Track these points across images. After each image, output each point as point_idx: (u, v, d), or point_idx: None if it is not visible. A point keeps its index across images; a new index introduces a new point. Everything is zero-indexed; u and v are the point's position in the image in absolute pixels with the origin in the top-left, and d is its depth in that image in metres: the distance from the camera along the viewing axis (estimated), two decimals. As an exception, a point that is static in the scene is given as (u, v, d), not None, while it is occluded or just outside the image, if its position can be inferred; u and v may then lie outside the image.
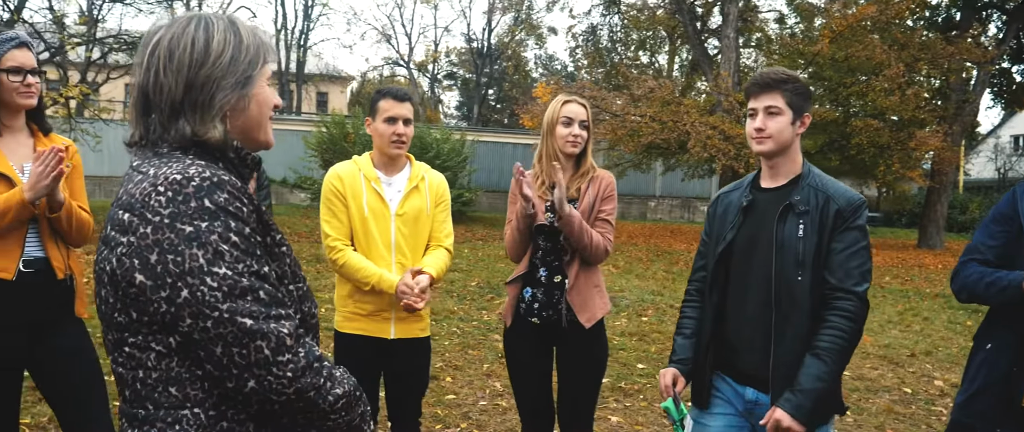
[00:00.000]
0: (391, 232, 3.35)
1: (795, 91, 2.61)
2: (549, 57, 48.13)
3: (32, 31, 13.84)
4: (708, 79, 21.45)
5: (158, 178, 1.42)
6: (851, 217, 2.54)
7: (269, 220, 1.54)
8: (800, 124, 2.64)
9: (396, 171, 3.45)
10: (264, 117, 1.62)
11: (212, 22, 1.55)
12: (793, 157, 2.68)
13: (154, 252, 1.37)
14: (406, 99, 3.38)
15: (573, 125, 3.34)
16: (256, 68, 1.57)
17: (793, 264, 2.56)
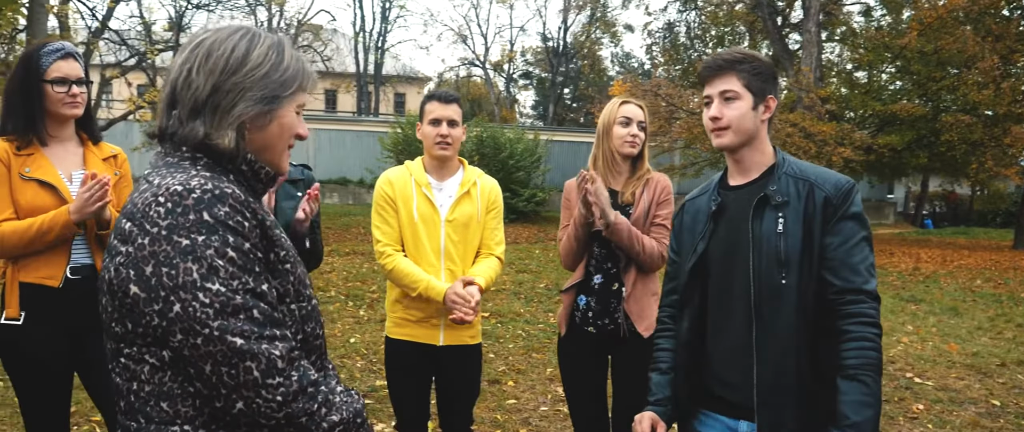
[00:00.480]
0: (441, 238, 3.30)
1: (753, 71, 2.25)
2: (625, 55, 47.69)
3: (119, 38, 14.38)
4: (788, 75, 20.84)
5: (160, 188, 1.39)
6: (843, 204, 2.17)
7: (275, 235, 1.50)
8: (764, 108, 2.28)
9: (447, 176, 3.39)
10: (282, 141, 1.59)
11: (259, 38, 1.54)
12: (760, 147, 2.31)
13: (150, 264, 1.35)
14: (452, 101, 3.32)
15: (631, 125, 3.26)
16: (287, 90, 1.55)
17: (774, 264, 2.18)
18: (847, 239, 2.15)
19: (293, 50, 1.59)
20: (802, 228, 2.17)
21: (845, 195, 2.18)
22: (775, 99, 2.29)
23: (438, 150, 3.29)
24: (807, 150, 17.10)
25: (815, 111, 18.41)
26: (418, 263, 3.28)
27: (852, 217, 2.17)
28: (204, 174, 1.44)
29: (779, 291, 2.18)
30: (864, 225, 2.19)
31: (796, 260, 2.16)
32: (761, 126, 2.28)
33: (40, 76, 2.73)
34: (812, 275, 2.16)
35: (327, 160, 23.59)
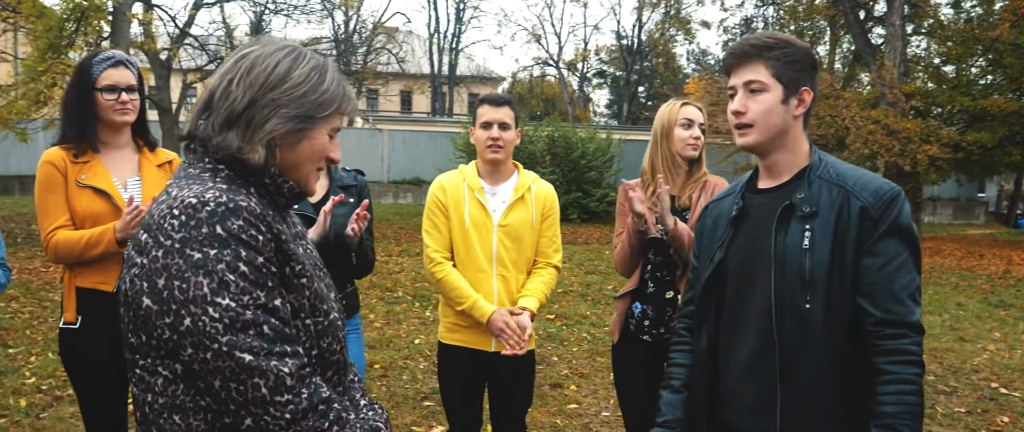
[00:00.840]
0: (493, 244, 3.25)
1: (785, 58, 1.95)
2: (701, 52, 46.94)
3: (198, 43, 14.82)
4: (871, 70, 20.15)
5: (176, 200, 1.39)
6: (884, 216, 1.85)
7: (291, 249, 1.49)
8: (797, 102, 1.97)
9: (501, 180, 3.35)
10: (312, 163, 1.59)
11: (305, 58, 1.54)
12: (793, 147, 2.01)
13: (162, 277, 1.35)
14: (503, 104, 3.27)
15: (693, 127, 3.18)
16: (323, 112, 1.55)
17: (797, 284, 1.89)
18: (889, 260, 1.85)
19: (337, 74, 1.59)
20: (832, 243, 1.88)
21: (886, 205, 1.86)
22: (811, 92, 1.99)
23: (490, 154, 3.26)
24: (890, 148, 16.51)
25: (899, 107, 17.75)
26: (468, 269, 3.25)
27: (895, 232, 1.86)
28: (221, 186, 1.43)
29: (803, 316, 1.90)
30: (910, 242, 1.87)
31: (822, 281, 1.87)
32: (794, 123, 1.99)
33: (91, 84, 2.80)
34: (843, 300, 1.87)
35: (401, 160, 23.88)
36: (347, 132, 24.25)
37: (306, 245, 1.70)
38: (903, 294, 1.85)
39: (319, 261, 1.73)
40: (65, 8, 10.98)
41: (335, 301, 1.67)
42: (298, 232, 1.71)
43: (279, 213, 1.59)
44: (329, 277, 1.73)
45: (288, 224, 1.65)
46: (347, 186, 3.21)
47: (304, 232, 1.77)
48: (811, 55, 2.01)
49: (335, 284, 3.06)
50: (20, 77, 11.78)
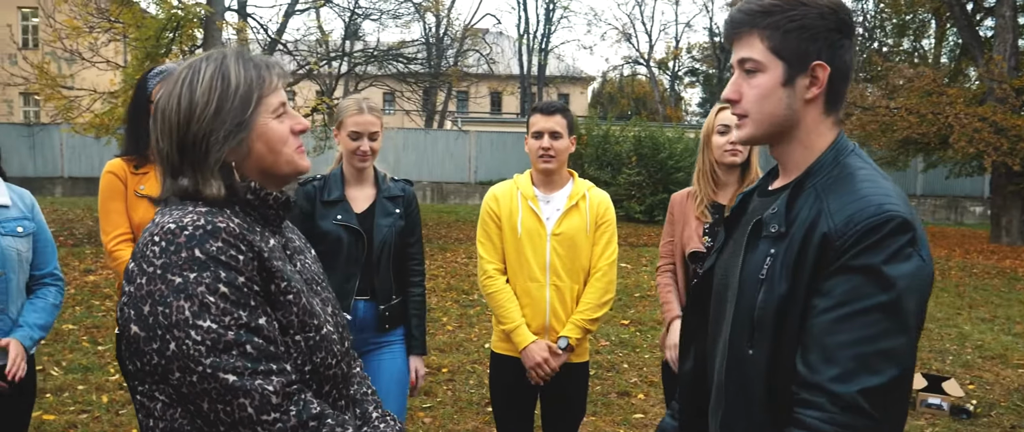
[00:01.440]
0: (546, 253, 3.21)
1: (787, 26, 1.50)
2: (799, 48, 45.49)
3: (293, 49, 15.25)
4: (978, 64, 19.12)
5: (157, 227, 1.41)
6: (851, 249, 1.38)
7: (275, 266, 1.48)
8: (809, 82, 1.52)
9: (556, 188, 3.30)
10: (278, 152, 1.56)
11: (201, 71, 1.50)
12: (807, 140, 1.57)
13: (147, 303, 1.36)
14: (555, 112, 3.20)
15: (731, 132, 3.04)
16: (249, 109, 1.51)
17: (745, 325, 1.52)
18: (838, 303, 1.38)
19: (242, 60, 1.54)
20: (791, 277, 1.46)
21: (858, 236, 1.38)
22: (827, 67, 1.51)
23: (542, 163, 3.21)
24: (998, 147, 15.64)
25: (1008, 104, 16.77)
26: (521, 279, 3.22)
27: (860, 270, 1.37)
28: (200, 210, 1.44)
29: (744, 365, 1.53)
30: (882, 286, 1.35)
31: (770, 323, 1.47)
32: (806, 108, 1.54)
33: (148, 97, 2.89)
34: (791, 352, 1.45)
35: (488, 162, 24.03)
36: (435, 134, 24.63)
37: (304, 260, 1.69)
38: (842, 353, 1.36)
39: (318, 275, 1.72)
40: (162, 18, 11.48)
41: (333, 315, 1.66)
42: (297, 247, 1.71)
43: (270, 228, 1.59)
44: (328, 290, 1.72)
45: (283, 239, 1.64)
46: (394, 196, 3.22)
47: (304, 247, 1.77)
48: (835, 14, 1.52)
49: (380, 297, 3.10)
50: (122, 85, 12.38)
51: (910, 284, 1.36)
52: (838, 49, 1.52)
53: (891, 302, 1.35)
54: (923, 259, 1.39)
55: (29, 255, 2.87)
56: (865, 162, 1.55)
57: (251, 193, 1.53)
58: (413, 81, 18.23)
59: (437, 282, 9.97)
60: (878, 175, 1.50)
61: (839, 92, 1.56)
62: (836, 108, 1.58)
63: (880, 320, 1.35)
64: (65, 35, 11.98)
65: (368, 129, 3.11)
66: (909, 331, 1.36)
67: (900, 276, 1.35)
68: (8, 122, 25.07)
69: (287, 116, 1.57)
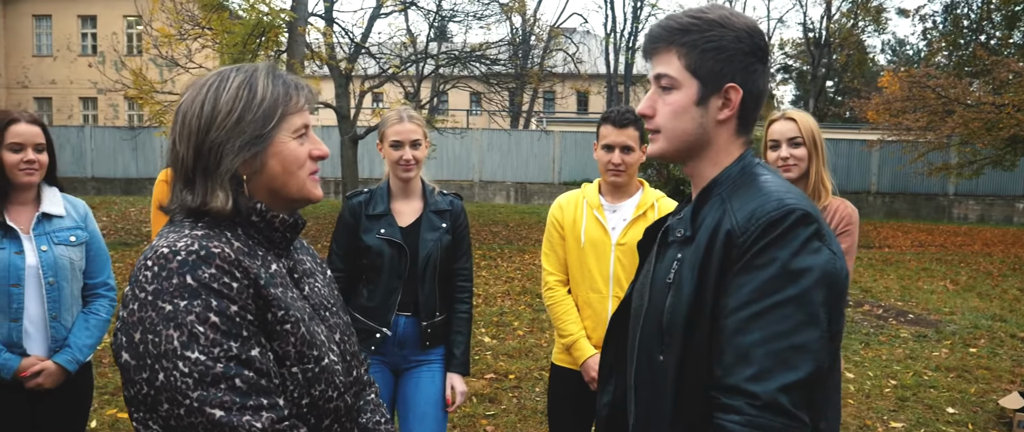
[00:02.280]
0: (610, 264, 3.11)
1: (705, 45, 1.49)
2: (898, 42, 43.79)
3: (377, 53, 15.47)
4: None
5: (151, 250, 1.37)
6: (754, 244, 1.37)
7: (273, 294, 1.42)
8: (721, 104, 1.52)
9: (624, 198, 3.19)
10: (292, 174, 1.51)
11: (229, 79, 1.48)
12: (717, 158, 1.56)
13: (138, 330, 1.32)
14: (628, 124, 3.04)
15: (781, 147, 2.90)
16: (270, 124, 1.47)
17: (655, 331, 1.50)
18: (747, 301, 1.35)
19: (272, 75, 1.51)
20: (695, 280, 1.44)
21: (761, 230, 1.37)
22: (740, 90, 1.51)
23: (611, 177, 3.11)
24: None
25: None
26: (583, 289, 3.14)
27: (765, 265, 1.35)
28: (196, 233, 1.40)
29: (655, 371, 1.50)
30: (790, 280, 1.33)
31: (680, 328, 1.44)
32: (718, 129, 1.53)
33: None
34: (701, 357, 1.42)
35: (572, 162, 23.90)
36: (519, 135, 24.64)
37: (314, 283, 1.64)
38: (756, 351, 1.31)
39: (329, 299, 1.66)
40: (249, 23, 11.81)
41: (340, 342, 1.60)
42: (307, 269, 1.66)
43: (275, 252, 1.54)
44: (340, 315, 1.67)
45: (290, 262, 1.59)
46: (441, 210, 3.16)
47: (316, 268, 1.71)
48: (751, 38, 1.52)
49: (423, 313, 3.04)
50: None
51: (820, 277, 1.34)
52: (752, 73, 1.53)
53: (800, 294, 1.33)
54: (833, 252, 1.38)
55: (82, 264, 2.94)
56: (770, 171, 1.54)
57: (256, 214, 1.49)
58: (496, 82, 18.23)
59: (512, 285, 9.93)
60: (782, 180, 1.52)
61: (750, 115, 1.57)
62: (746, 131, 1.58)
63: (792, 314, 1.32)
64: (160, 42, 12.46)
65: (409, 137, 3.05)
66: (820, 324, 1.33)
67: (808, 268, 1.34)
68: (113, 125, 26.33)
69: (308, 139, 1.54)
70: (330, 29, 14.30)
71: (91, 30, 29.65)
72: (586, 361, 3.06)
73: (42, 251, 2.78)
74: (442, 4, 16.93)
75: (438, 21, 18.17)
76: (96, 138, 23.47)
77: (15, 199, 2.80)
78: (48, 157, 2.83)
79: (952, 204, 22.97)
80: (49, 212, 2.85)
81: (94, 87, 25.61)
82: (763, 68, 1.55)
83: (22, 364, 2.74)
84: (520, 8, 22.21)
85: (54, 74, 29.57)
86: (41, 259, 2.77)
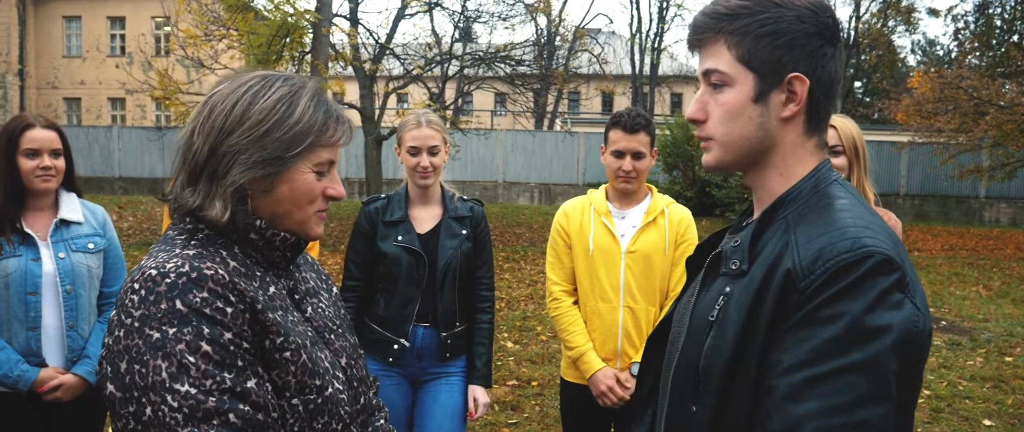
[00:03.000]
0: (620, 272, 3.02)
1: (759, 30, 1.26)
2: (929, 42, 43.15)
3: (395, 54, 15.47)
4: None
5: (139, 272, 1.26)
6: (819, 292, 1.12)
7: (271, 319, 1.31)
8: (784, 99, 1.28)
9: (632, 204, 3.10)
10: (299, 207, 1.40)
11: (273, 86, 1.37)
12: (783, 165, 1.32)
13: (124, 360, 1.22)
14: (639, 129, 2.95)
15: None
16: (295, 149, 1.36)
17: (690, 375, 1.29)
18: (804, 362, 1.11)
19: (316, 99, 1.40)
20: (743, 322, 1.21)
21: (829, 274, 1.13)
22: (806, 79, 1.26)
23: (621, 184, 3.02)
24: None
25: None
26: (590, 299, 3.05)
27: (830, 320, 1.11)
28: (189, 252, 1.30)
29: (687, 421, 1.29)
30: (859, 341, 1.09)
31: (718, 376, 1.22)
32: (783, 128, 1.30)
33: None
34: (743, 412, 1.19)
35: (597, 163, 23.75)
36: (543, 136, 24.55)
37: (317, 303, 1.54)
38: (808, 425, 1.08)
39: (333, 320, 1.56)
40: (274, 24, 11.83)
41: (346, 367, 1.49)
42: (311, 288, 1.55)
43: (275, 271, 1.44)
44: (346, 336, 1.56)
45: (291, 282, 1.49)
46: (461, 217, 3.09)
47: (320, 286, 1.61)
48: (815, 16, 1.27)
49: (442, 324, 2.96)
50: (236, 91, 12.84)
51: (897, 339, 1.09)
52: (820, 58, 1.27)
53: (869, 361, 1.08)
54: (916, 307, 1.14)
55: (100, 272, 2.90)
56: (850, 192, 1.29)
57: (255, 232, 1.38)
58: (520, 83, 18.17)
59: (536, 288, 9.85)
60: (862, 206, 1.25)
61: (822, 110, 1.31)
62: (819, 129, 1.32)
63: (856, 384, 1.08)
64: (185, 43, 12.52)
65: (427, 143, 2.97)
66: (890, 398, 1.10)
67: (883, 328, 1.09)
68: (142, 126, 26.57)
69: (328, 177, 1.43)
70: (355, 30, 14.30)
71: (120, 31, 29.96)
72: (594, 375, 2.98)
73: (59, 258, 2.75)
74: (467, 5, 16.89)
75: (463, 22, 18.15)
76: (124, 138, 23.68)
77: (32, 205, 2.77)
78: (65, 162, 2.80)
79: (983, 207, 22.57)
80: (67, 218, 2.81)
81: (122, 88, 25.83)
82: (833, 50, 1.29)
83: (40, 377, 2.69)
84: (545, 8, 22.16)
85: (83, 75, 29.90)
86: (58, 266, 2.74)
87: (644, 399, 1.60)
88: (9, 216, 2.69)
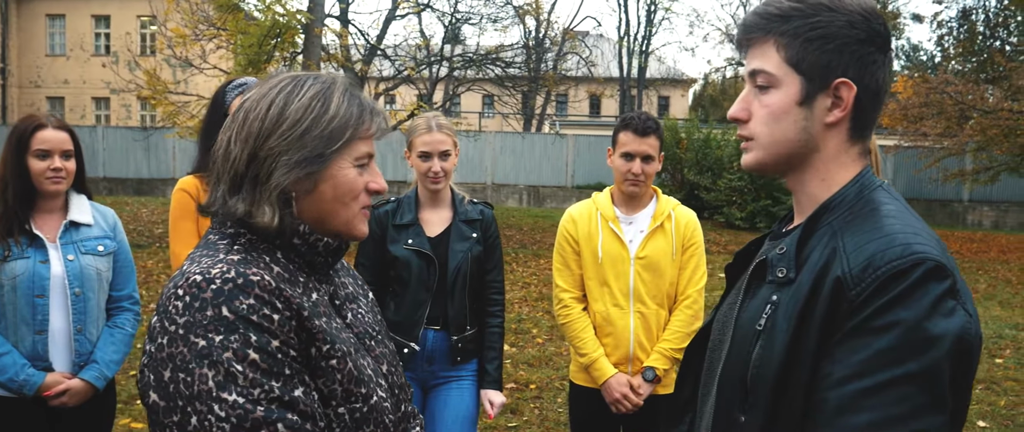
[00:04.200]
0: (630, 278, 3.02)
1: (810, 33, 1.25)
2: (913, 47, 43.49)
3: (386, 55, 15.43)
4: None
5: (182, 278, 1.24)
6: (871, 300, 1.11)
7: (317, 326, 1.29)
8: (830, 104, 1.27)
9: (639, 208, 3.10)
10: (345, 206, 1.38)
11: (303, 87, 1.35)
12: (825, 170, 1.31)
13: (168, 368, 1.19)
14: (649, 133, 2.96)
15: None
16: (334, 144, 1.33)
17: (737, 385, 1.27)
18: (857, 373, 1.10)
19: (348, 93, 1.38)
20: (792, 330, 1.19)
21: (881, 282, 1.11)
22: (853, 86, 1.25)
23: (628, 187, 3.02)
24: None
25: None
26: (602, 305, 3.04)
27: (884, 330, 1.09)
28: (232, 258, 1.27)
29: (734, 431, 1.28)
30: (915, 350, 1.08)
31: (767, 386, 1.21)
32: (827, 134, 1.29)
33: (225, 112, 2.76)
34: (792, 422, 1.18)
35: (586, 165, 23.79)
36: (532, 138, 24.55)
37: (357, 309, 1.52)
38: None
39: (373, 326, 1.54)
40: (265, 24, 11.77)
41: (388, 374, 1.48)
42: (350, 294, 1.53)
43: (317, 277, 1.42)
44: (386, 344, 1.54)
45: (331, 287, 1.47)
46: (471, 220, 3.08)
47: (358, 292, 1.59)
48: (867, 23, 1.26)
49: (453, 327, 2.95)
50: (226, 92, 12.75)
51: (951, 347, 1.08)
52: (869, 65, 1.26)
53: (925, 370, 1.07)
54: (969, 314, 1.12)
55: (109, 275, 2.86)
56: (894, 198, 1.28)
57: (299, 237, 1.36)
58: (511, 85, 18.18)
59: (529, 291, 9.85)
60: (908, 212, 1.25)
61: (868, 116, 1.30)
62: (863, 136, 1.31)
63: (912, 395, 1.07)
64: (174, 43, 12.43)
65: (438, 148, 2.96)
66: (945, 408, 1.09)
67: (938, 336, 1.07)
68: (127, 126, 26.37)
69: (368, 170, 1.41)
70: (346, 30, 14.26)
71: (105, 30, 29.75)
72: (607, 381, 2.98)
73: (68, 260, 2.71)
74: (459, 6, 16.89)
75: (453, 23, 18.15)
76: (108, 138, 23.49)
77: (41, 207, 2.74)
78: (76, 164, 2.77)
79: (966, 210, 22.76)
80: (77, 220, 2.78)
81: (107, 87, 25.68)
82: (883, 58, 1.28)
83: (46, 381, 2.65)
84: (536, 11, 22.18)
85: (67, 74, 29.67)
86: (67, 269, 2.70)
87: (681, 407, 1.59)
88: (18, 218, 2.66)
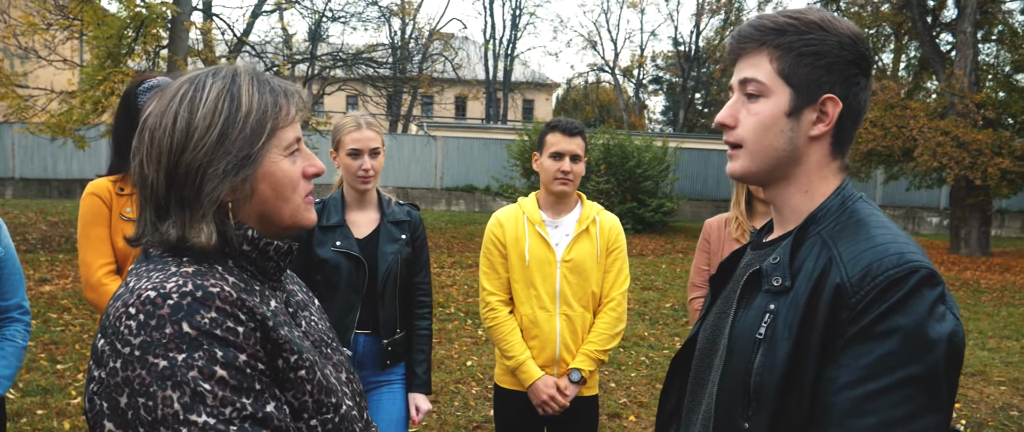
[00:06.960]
0: (556, 281, 3.05)
1: (803, 48, 1.32)
2: (761, 58, 46.13)
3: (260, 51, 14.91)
4: (939, 79, 19.43)
5: (132, 295, 1.13)
6: (871, 307, 1.17)
7: (282, 336, 1.21)
8: (815, 117, 1.33)
9: (564, 212, 3.14)
10: (286, 199, 1.29)
11: (205, 86, 1.23)
12: (807, 182, 1.37)
13: (124, 393, 1.08)
14: (576, 134, 3.05)
15: None
16: (259, 141, 1.24)
17: (739, 392, 1.30)
18: (861, 378, 1.15)
19: (256, 82, 1.28)
20: (794, 337, 1.23)
21: (880, 289, 1.17)
22: (839, 102, 1.32)
23: (558, 186, 3.05)
24: (960, 161, 15.90)
25: (970, 118, 17.09)
26: (529, 308, 3.06)
27: (884, 336, 1.15)
28: (186, 270, 1.17)
29: None
30: (915, 355, 1.14)
31: (771, 393, 1.24)
32: (810, 146, 1.34)
33: (137, 113, 2.62)
34: (796, 426, 1.22)
35: (455, 167, 23.82)
36: (401, 139, 24.31)
37: (309, 316, 1.44)
38: None
39: (327, 334, 1.47)
40: (125, 17, 11.11)
41: (348, 382, 1.42)
42: (300, 301, 1.46)
43: (270, 284, 1.34)
44: (340, 351, 1.47)
45: (283, 294, 1.39)
46: (399, 221, 3.02)
47: (308, 299, 1.52)
48: (854, 46, 1.33)
49: (383, 331, 2.89)
50: (81, 85, 11.96)
51: (946, 351, 1.15)
52: (853, 86, 1.34)
53: (925, 373, 1.13)
54: (956, 318, 1.20)
55: None
56: (875, 209, 1.36)
57: (248, 242, 1.27)
58: (381, 85, 17.96)
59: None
60: (891, 224, 1.32)
61: (847, 135, 1.37)
62: (842, 152, 1.38)
63: (914, 396, 1.13)
64: (20, 32, 11.51)
65: (368, 145, 2.90)
66: (944, 408, 1.15)
67: (935, 341, 1.14)
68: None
69: (300, 155, 1.32)
70: (210, 23, 13.67)
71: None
72: (535, 383, 3.01)
73: None
74: (329, 5, 16.54)
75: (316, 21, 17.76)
76: (-63, 133, 21.52)
77: None
78: None
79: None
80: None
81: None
82: (865, 81, 1.35)
83: None
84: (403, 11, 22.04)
85: None
86: None
87: (666, 418, 1.61)
88: None
